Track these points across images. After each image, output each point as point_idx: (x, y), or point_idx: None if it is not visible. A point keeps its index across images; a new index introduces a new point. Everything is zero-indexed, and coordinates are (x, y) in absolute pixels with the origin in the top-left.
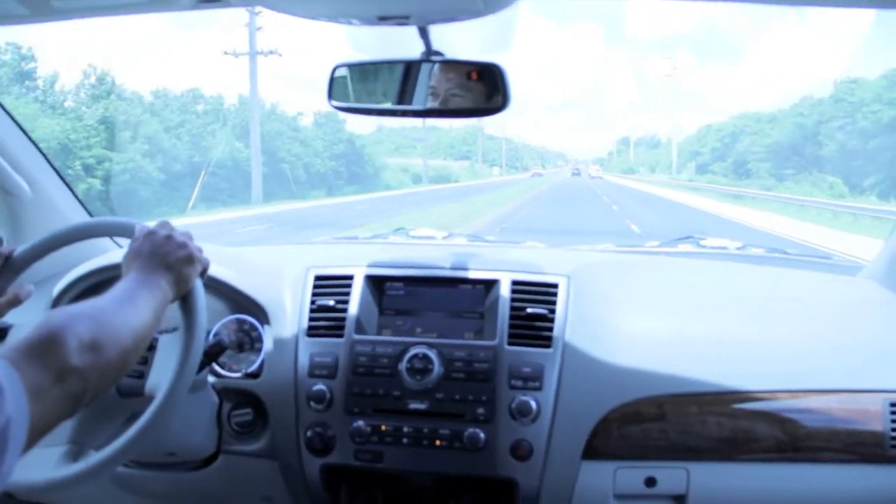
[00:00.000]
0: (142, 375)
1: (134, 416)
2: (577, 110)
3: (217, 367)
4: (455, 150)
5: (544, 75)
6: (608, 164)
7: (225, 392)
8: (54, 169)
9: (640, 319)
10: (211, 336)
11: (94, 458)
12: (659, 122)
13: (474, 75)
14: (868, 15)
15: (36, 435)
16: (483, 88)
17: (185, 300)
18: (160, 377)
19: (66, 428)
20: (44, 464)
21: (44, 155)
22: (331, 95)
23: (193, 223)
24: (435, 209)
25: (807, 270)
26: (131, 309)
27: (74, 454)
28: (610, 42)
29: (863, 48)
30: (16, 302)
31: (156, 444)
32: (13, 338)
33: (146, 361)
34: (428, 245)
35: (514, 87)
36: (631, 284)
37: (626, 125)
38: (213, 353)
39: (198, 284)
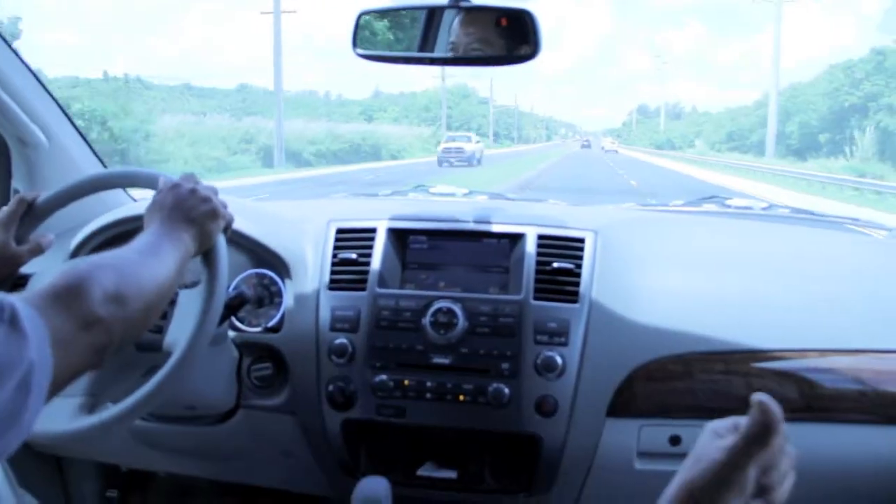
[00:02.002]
0: (160, 330)
1: (152, 371)
2: (586, 81)
3: (237, 322)
4: (431, 113)
5: (552, 45)
6: (627, 137)
7: (245, 347)
8: (70, 120)
9: (667, 277)
10: (231, 289)
11: (110, 410)
12: (674, 92)
13: (503, 21)
14: None
15: (59, 384)
16: (511, 35)
17: (208, 255)
18: (179, 332)
19: (83, 380)
20: (60, 414)
21: (60, 105)
22: (355, 43)
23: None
24: None
25: (832, 231)
26: (155, 261)
27: (91, 406)
28: (620, 12)
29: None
30: (38, 250)
31: (175, 398)
32: (33, 286)
33: (165, 316)
34: (449, 201)
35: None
36: (658, 242)
37: (638, 95)
38: (234, 306)
39: (221, 240)
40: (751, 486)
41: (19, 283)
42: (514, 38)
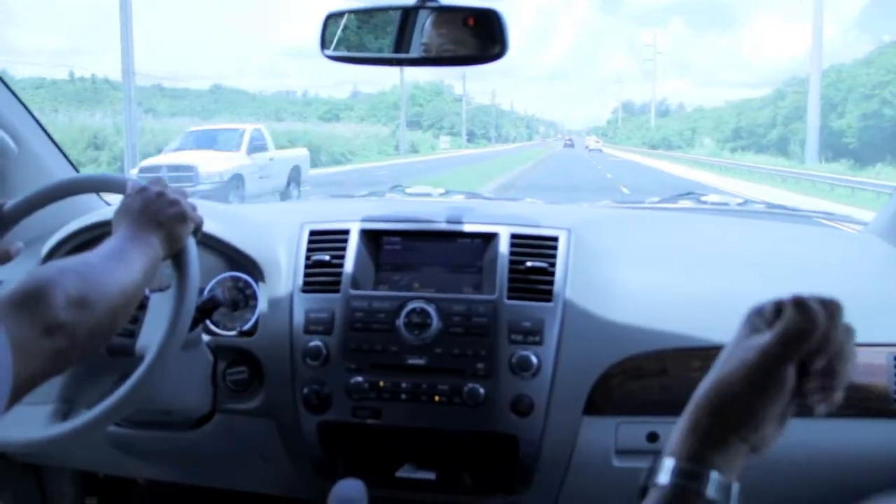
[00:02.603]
0: (132, 335)
1: (125, 376)
2: (569, 80)
3: (211, 326)
4: (400, 110)
5: (534, 43)
6: (613, 136)
7: (220, 350)
8: (40, 125)
9: (641, 274)
10: (205, 293)
11: (83, 417)
12: (659, 90)
13: (471, 21)
14: None
15: (21, 390)
16: (480, 35)
17: (177, 258)
18: (151, 336)
19: (55, 386)
20: (34, 422)
21: (29, 111)
22: (324, 44)
23: None
24: None
25: (809, 226)
26: (121, 266)
27: (64, 413)
28: (603, 11)
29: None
30: (6, 258)
31: (150, 403)
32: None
33: (137, 321)
34: (425, 201)
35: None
36: (632, 239)
37: (622, 93)
38: (206, 310)
39: (190, 242)
40: (789, 386)
41: None
42: (484, 38)
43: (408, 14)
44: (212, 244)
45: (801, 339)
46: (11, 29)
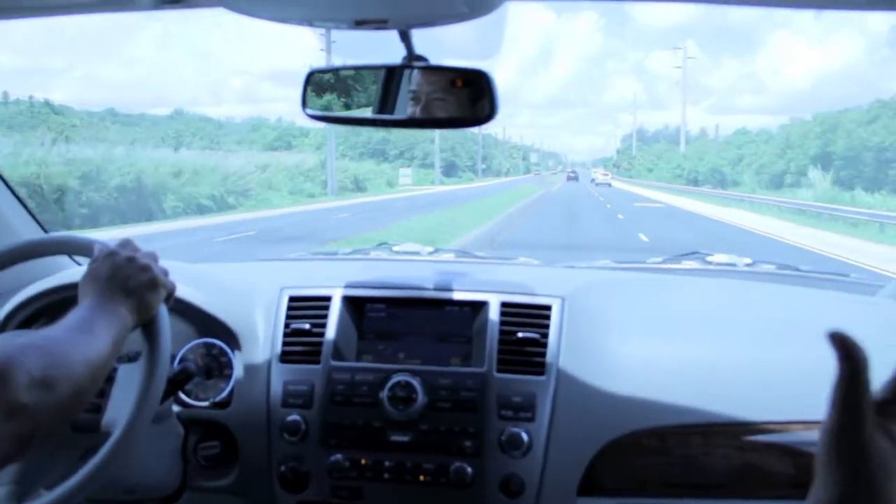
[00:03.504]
0: (98, 409)
1: (89, 453)
2: (572, 107)
3: (183, 396)
4: (362, 137)
5: (538, 69)
6: (629, 168)
7: (191, 423)
8: (4, 182)
9: (640, 344)
10: (176, 362)
11: (43, 499)
12: (670, 119)
13: (459, 83)
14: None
15: None
16: (468, 96)
17: (148, 328)
18: (118, 411)
19: (10, 466)
20: None
21: None
22: (305, 103)
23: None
24: None
25: (822, 290)
26: (87, 339)
27: (19, 495)
28: (608, 33)
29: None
30: None
31: (114, 480)
32: None
33: (103, 394)
34: (412, 262)
35: (503, 86)
36: (630, 305)
37: (636, 119)
38: (178, 381)
39: (162, 311)
40: (870, 422)
41: None
42: (472, 99)
43: (392, 73)
44: (183, 309)
45: (857, 386)
46: None
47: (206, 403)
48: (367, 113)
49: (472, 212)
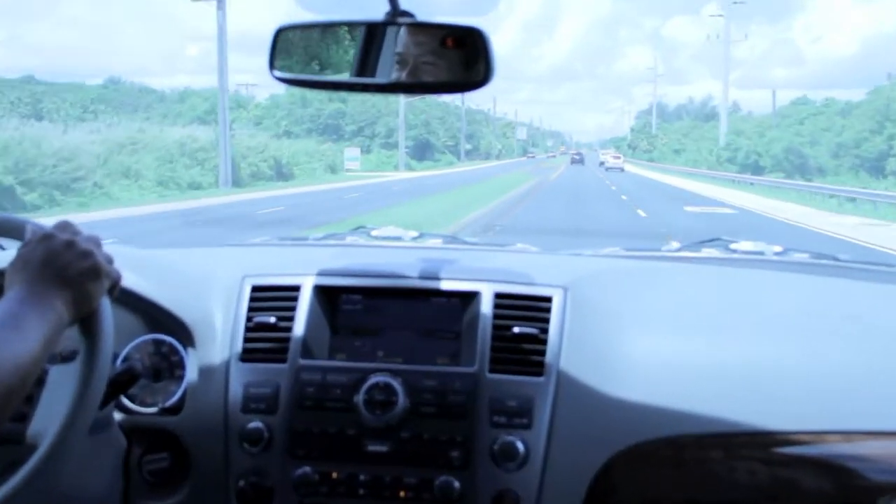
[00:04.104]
0: (24, 418)
1: (11, 468)
2: (578, 80)
3: (126, 401)
4: (310, 110)
5: (540, 37)
6: (650, 149)
7: (135, 432)
8: None
9: (653, 341)
10: (119, 362)
11: None
12: (692, 92)
13: (450, 42)
14: None
15: None
16: (461, 57)
17: (87, 323)
18: (48, 420)
19: None
20: None
21: None
22: (273, 64)
23: None
24: None
25: (863, 281)
26: (14, 337)
27: None
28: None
29: None
30: None
31: (42, 499)
32: None
33: (31, 399)
34: (393, 248)
35: (500, 52)
36: (642, 297)
37: (649, 94)
38: (121, 383)
39: (104, 304)
40: None
41: None
42: (465, 62)
43: (374, 31)
44: (129, 300)
45: None
46: None
47: (153, 409)
48: (345, 76)
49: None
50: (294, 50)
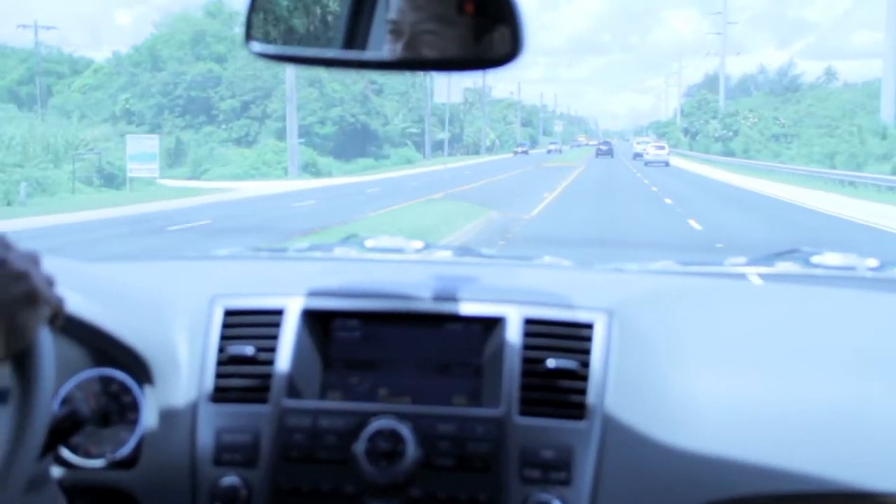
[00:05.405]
0: None
1: None
2: (606, 53)
3: (67, 453)
4: (176, 94)
5: (554, 0)
6: (725, 133)
7: (78, 491)
8: None
9: (719, 378)
10: (58, 403)
11: None
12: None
13: (468, 8)
14: None
15: None
16: (477, 25)
17: (21, 361)
18: None
19: None
20: None
21: None
22: (249, 35)
23: None
24: None
25: None
26: None
27: None
28: None
29: None
30: None
31: None
32: None
33: None
34: (395, 262)
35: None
36: (704, 324)
37: (706, 64)
38: (62, 431)
39: (42, 336)
40: None
41: None
42: (486, 32)
43: None
44: (74, 328)
45: None
46: None
47: (100, 462)
48: (332, 51)
49: None
50: (273, 20)
